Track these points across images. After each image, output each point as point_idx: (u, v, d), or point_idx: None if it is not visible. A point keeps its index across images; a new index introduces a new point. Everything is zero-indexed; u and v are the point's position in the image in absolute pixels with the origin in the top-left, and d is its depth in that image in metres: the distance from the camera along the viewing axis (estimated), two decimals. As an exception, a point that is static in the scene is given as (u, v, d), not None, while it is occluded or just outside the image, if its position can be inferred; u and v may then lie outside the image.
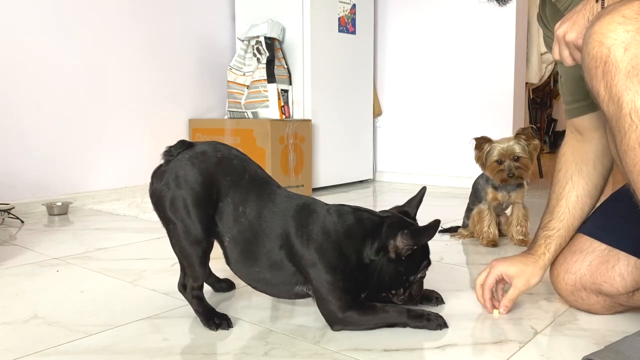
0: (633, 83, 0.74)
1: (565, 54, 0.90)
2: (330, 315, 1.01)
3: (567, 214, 1.11)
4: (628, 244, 1.02)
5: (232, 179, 1.04)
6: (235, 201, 1.03)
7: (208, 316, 1.04)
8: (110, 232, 1.95)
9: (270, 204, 1.05)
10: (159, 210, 1.04)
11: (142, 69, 2.78)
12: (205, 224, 1.02)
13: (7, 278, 1.39)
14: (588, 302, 1.07)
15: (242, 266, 1.06)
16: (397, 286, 1.05)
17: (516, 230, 1.68)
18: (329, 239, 1.01)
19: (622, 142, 0.77)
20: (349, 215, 1.05)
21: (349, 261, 1.01)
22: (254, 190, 1.05)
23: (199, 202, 1.01)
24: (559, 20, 0.90)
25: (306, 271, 1.01)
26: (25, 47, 2.35)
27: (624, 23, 0.74)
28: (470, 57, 3.01)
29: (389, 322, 1.01)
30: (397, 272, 1.03)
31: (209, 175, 1.02)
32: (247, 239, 1.03)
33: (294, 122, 2.73)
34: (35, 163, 2.40)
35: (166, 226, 1.04)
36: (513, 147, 1.60)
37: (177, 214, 1.01)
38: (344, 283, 1.00)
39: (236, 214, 1.03)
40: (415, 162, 3.25)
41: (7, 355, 0.93)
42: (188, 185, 1.01)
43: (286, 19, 2.89)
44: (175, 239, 1.03)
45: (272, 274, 1.04)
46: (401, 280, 1.04)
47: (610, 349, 0.81)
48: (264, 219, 1.03)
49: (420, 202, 1.12)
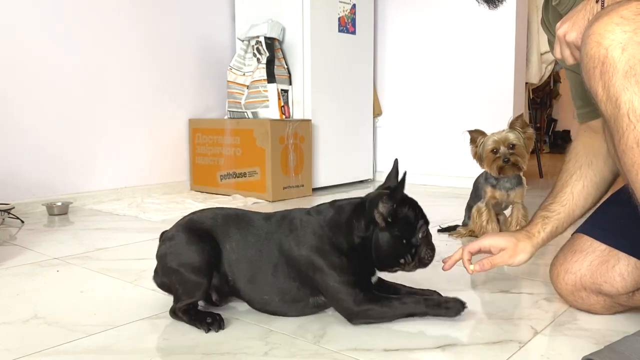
0: (630, 83, 0.74)
1: (566, 54, 0.91)
2: (347, 312, 1.01)
3: (570, 200, 1.10)
4: (628, 244, 1.02)
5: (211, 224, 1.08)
6: (221, 241, 1.06)
7: (201, 319, 1.03)
8: (110, 232, 1.95)
9: (252, 228, 1.07)
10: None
11: (142, 69, 2.78)
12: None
13: (7, 278, 1.39)
14: (588, 302, 1.07)
15: (255, 299, 1.07)
16: (402, 253, 1.03)
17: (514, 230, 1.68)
18: (317, 237, 1.02)
19: (620, 142, 0.77)
20: (327, 209, 1.06)
21: (344, 249, 1.01)
22: (232, 224, 1.08)
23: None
24: None
25: (309, 278, 1.02)
26: (25, 47, 2.35)
27: (622, 24, 0.75)
28: (470, 57, 3.01)
29: (407, 312, 1.01)
30: (394, 238, 1.01)
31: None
32: (246, 271, 1.05)
33: (294, 122, 2.73)
34: (35, 163, 2.40)
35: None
36: (507, 135, 1.61)
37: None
38: (348, 277, 1.00)
39: (226, 253, 1.05)
40: (415, 162, 3.25)
41: (7, 355, 0.93)
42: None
43: (286, 19, 2.89)
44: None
45: (281, 296, 1.05)
46: (402, 245, 1.02)
47: (610, 349, 0.81)
48: (251, 246, 1.05)
49: (396, 174, 1.11)
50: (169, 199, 2.67)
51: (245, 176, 2.74)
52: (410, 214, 1.03)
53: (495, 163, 1.61)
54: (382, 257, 1.03)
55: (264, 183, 2.65)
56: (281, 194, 2.67)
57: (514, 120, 1.64)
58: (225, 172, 2.84)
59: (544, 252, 1.59)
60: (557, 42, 0.92)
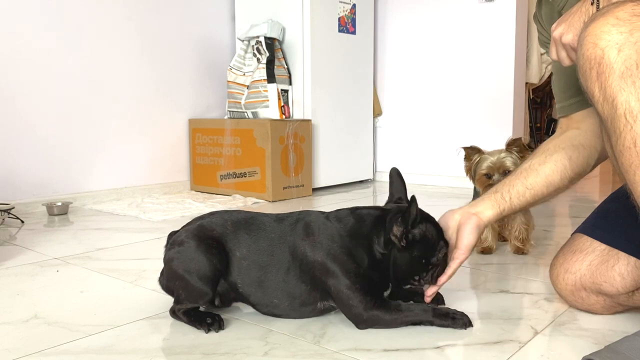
0: (627, 84, 0.74)
1: (562, 55, 0.91)
2: (357, 317, 1.01)
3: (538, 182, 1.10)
4: (627, 244, 1.02)
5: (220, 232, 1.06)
6: (232, 249, 1.05)
7: (200, 320, 1.03)
8: (110, 232, 1.95)
9: (263, 232, 1.06)
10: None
11: (142, 68, 2.78)
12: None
13: (7, 278, 1.39)
14: (588, 302, 1.07)
15: (263, 303, 1.06)
16: (419, 272, 1.03)
17: (514, 237, 1.58)
18: (335, 244, 1.01)
19: (618, 142, 0.77)
20: (348, 217, 1.05)
21: (362, 261, 1.01)
22: (242, 230, 1.06)
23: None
24: (554, 20, 0.91)
25: (322, 282, 1.01)
26: (25, 47, 2.35)
27: (618, 25, 0.75)
28: (470, 57, 3.01)
29: (414, 320, 1.01)
30: (413, 259, 1.01)
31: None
32: (256, 277, 1.04)
33: (294, 122, 2.73)
34: (35, 163, 2.40)
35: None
36: (503, 160, 1.50)
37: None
38: (362, 284, 0.99)
39: (236, 261, 1.04)
40: (415, 162, 3.25)
41: (7, 355, 0.93)
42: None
43: (286, 19, 2.89)
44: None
45: (291, 300, 1.04)
46: (421, 264, 1.02)
47: (610, 349, 0.81)
48: (263, 251, 1.04)
49: (402, 183, 1.12)
50: (169, 199, 2.67)
51: (245, 176, 2.74)
52: (430, 234, 1.02)
53: (488, 189, 1.55)
54: (400, 274, 1.03)
55: (264, 183, 2.65)
56: (281, 194, 2.67)
57: (512, 141, 1.53)
58: (225, 172, 2.84)
59: (544, 252, 1.60)
60: (553, 43, 0.93)
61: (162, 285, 1.10)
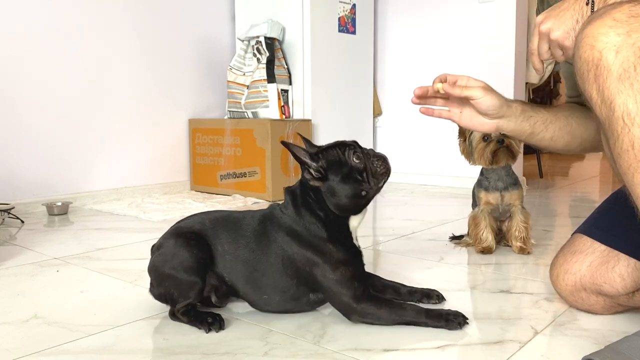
0: (625, 86, 0.74)
1: (544, 49, 0.90)
2: (346, 307, 1.01)
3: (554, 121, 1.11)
4: (628, 245, 1.02)
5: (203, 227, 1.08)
6: (213, 243, 1.06)
7: (201, 319, 1.03)
8: (110, 232, 1.95)
9: (240, 230, 1.07)
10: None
11: (142, 69, 2.78)
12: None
13: (7, 278, 1.39)
14: (588, 302, 1.07)
15: (255, 299, 1.07)
16: (357, 186, 1.02)
17: (515, 237, 1.57)
18: (298, 231, 1.03)
19: (616, 145, 0.77)
20: (285, 199, 1.08)
21: (321, 232, 1.02)
22: (221, 227, 1.08)
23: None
24: None
25: (306, 274, 1.01)
26: (26, 48, 2.35)
27: (615, 26, 0.74)
28: (470, 56, 3.01)
29: (407, 319, 1.01)
30: (340, 182, 1.01)
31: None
32: (242, 272, 1.05)
33: (294, 122, 2.73)
34: (35, 163, 2.40)
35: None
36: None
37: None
38: (344, 267, 1.00)
39: (219, 255, 1.05)
40: (415, 162, 3.25)
41: (7, 355, 0.93)
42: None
43: (286, 19, 2.89)
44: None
45: (281, 295, 1.05)
46: (352, 180, 1.01)
47: (610, 349, 0.81)
48: (243, 247, 1.05)
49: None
50: (169, 199, 2.67)
51: (245, 176, 2.74)
52: (329, 149, 1.03)
53: (489, 147, 1.51)
54: (347, 203, 1.02)
55: (264, 183, 2.65)
56: (281, 194, 2.66)
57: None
58: (225, 172, 2.84)
59: (544, 252, 1.60)
60: (535, 35, 0.91)
61: (154, 295, 1.09)
